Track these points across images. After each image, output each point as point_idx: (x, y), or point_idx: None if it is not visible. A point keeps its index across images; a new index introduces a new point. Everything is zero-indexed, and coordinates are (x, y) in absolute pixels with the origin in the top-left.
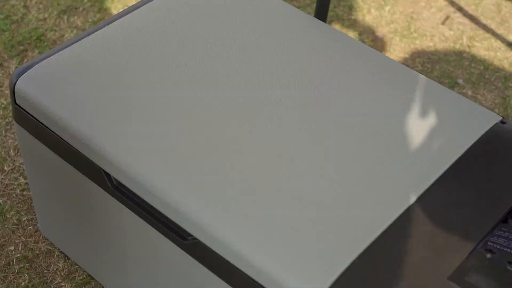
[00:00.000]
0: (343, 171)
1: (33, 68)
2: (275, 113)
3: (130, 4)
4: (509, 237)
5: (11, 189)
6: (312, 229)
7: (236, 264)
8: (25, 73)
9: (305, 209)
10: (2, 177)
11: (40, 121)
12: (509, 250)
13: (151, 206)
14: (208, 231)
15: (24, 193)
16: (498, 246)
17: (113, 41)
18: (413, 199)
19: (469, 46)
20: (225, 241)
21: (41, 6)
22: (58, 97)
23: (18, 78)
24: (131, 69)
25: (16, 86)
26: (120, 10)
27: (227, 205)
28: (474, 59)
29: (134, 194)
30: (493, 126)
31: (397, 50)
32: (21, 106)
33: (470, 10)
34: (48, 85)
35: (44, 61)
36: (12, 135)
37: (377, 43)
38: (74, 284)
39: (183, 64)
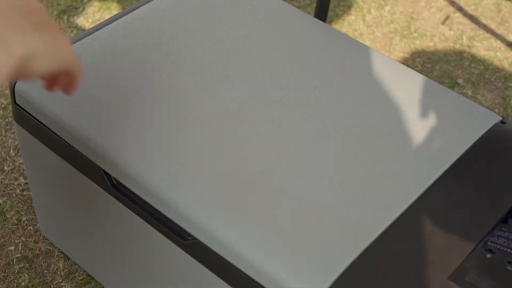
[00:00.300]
0: (343, 171)
1: None
2: (275, 113)
3: (130, 4)
4: (509, 237)
5: (11, 189)
6: (312, 229)
7: (236, 264)
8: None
9: (305, 209)
10: (2, 177)
11: (40, 121)
12: (509, 250)
13: (151, 206)
14: (208, 231)
15: (24, 193)
16: (498, 246)
17: (113, 41)
18: (413, 199)
19: (469, 46)
20: (225, 241)
21: None
22: (58, 97)
23: None
24: (131, 69)
25: (16, 86)
26: (120, 10)
27: (227, 205)
28: (474, 59)
29: (134, 194)
30: (493, 126)
31: (397, 50)
32: (21, 106)
33: (470, 10)
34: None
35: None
36: (12, 135)
37: (377, 43)
38: (74, 284)
39: (183, 64)
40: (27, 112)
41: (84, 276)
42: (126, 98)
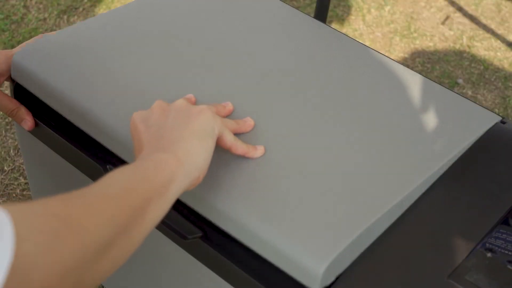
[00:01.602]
0: (342, 171)
1: (31, 44)
2: (274, 112)
3: None
4: (507, 239)
5: (11, 189)
6: (312, 231)
7: (237, 263)
8: (22, 49)
9: (306, 210)
10: (2, 177)
11: (41, 120)
12: (507, 252)
13: None
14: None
15: (24, 193)
16: (497, 248)
17: (113, 22)
18: (413, 199)
19: (469, 46)
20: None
21: (41, 6)
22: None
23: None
24: (131, 59)
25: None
26: None
27: (227, 205)
28: (474, 59)
29: None
30: (493, 126)
31: (397, 50)
32: (17, 80)
33: (470, 10)
34: (46, 59)
35: (42, 37)
36: (12, 135)
37: (377, 43)
38: None
39: (183, 64)
40: (24, 87)
41: None
42: (125, 76)
